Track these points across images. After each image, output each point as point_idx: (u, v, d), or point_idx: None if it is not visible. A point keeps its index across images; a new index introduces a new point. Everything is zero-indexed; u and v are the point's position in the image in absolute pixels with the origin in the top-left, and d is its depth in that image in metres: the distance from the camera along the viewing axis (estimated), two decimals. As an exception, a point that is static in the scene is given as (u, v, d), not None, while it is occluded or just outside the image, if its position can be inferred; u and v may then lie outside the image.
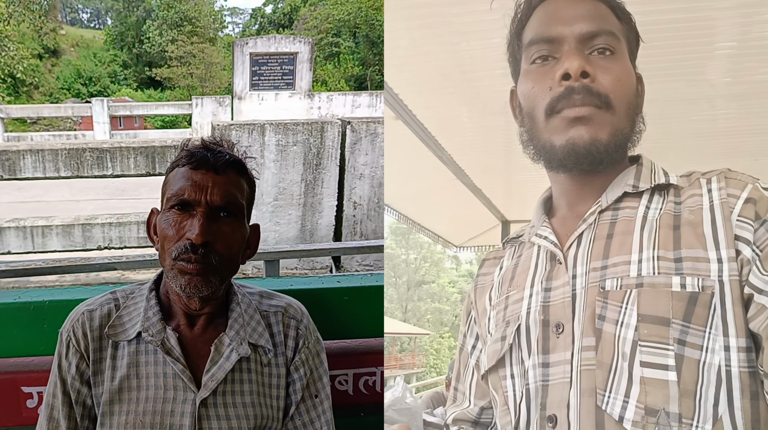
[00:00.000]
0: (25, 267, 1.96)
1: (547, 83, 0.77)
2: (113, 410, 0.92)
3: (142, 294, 1.00)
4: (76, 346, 0.95)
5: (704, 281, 0.68)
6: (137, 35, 34.21)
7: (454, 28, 1.49)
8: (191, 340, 0.96)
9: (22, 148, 3.98)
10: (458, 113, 2.05)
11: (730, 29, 1.32)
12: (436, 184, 2.86)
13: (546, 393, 0.75)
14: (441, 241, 4.27)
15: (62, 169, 4.04)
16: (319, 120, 4.19)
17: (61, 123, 20.80)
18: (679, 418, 0.66)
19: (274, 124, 3.99)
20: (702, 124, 1.92)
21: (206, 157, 0.93)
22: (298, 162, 4.04)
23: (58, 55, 34.00)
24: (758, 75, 1.54)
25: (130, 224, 4.17)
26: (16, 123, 21.17)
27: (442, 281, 14.74)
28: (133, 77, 34.78)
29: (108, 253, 4.08)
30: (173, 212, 0.91)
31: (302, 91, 10.09)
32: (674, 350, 0.67)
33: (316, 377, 1.03)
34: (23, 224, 4.14)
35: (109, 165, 4.06)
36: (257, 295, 1.06)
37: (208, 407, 0.92)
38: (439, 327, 13.50)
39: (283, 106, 9.87)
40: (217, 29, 35.84)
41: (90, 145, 4.10)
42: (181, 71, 30.56)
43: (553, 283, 0.79)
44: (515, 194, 3.11)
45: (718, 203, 0.72)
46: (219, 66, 31.22)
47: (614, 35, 0.77)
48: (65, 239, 4.12)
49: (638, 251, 0.73)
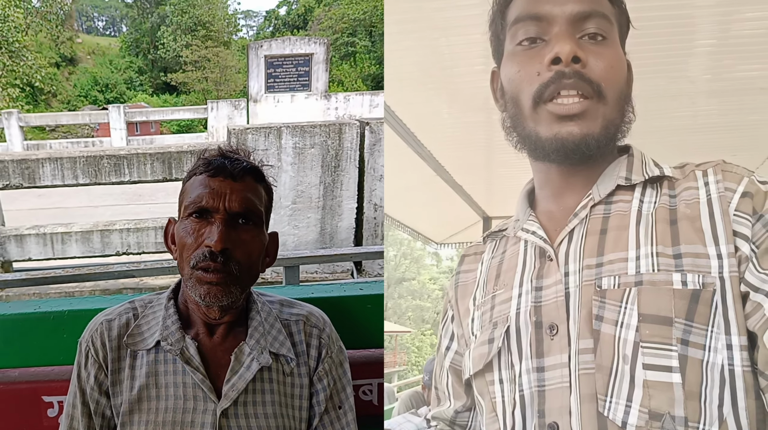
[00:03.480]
0: (44, 275, 1.99)
1: (535, 68, 0.73)
2: (132, 420, 0.91)
3: (160, 303, 1.00)
4: (95, 356, 0.95)
5: (705, 277, 0.66)
6: (152, 41, 34.85)
7: (434, 23, 1.49)
8: (211, 349, 0.95)
9: (41, 157, 4.07)
10: (438, 109, 2.05)
11: (710, 27, 1.34)
12: (415, 181, 2.85)
13: (543, 399, 0.72)
14: (421, 238, 4.23)
15: (80, 177, 4.12)
16: (337, 121, 4.20)
17: (78, 130, 21.27)
18: (685, 422, 0.64)
19: (290, 127, 4.00)
20: (683, 120, 1.94)
21: (224, 164, 0.93)
22: (316, 164, 4.04)
23: (74, 63, 34.81)
24: (737, 72, 1.56)
25: (147, 229, 4.22)
26: (35, 131, 21.73)
27: (422, 278, 14.64)
28: (149, 83, 35.42)
29: (126, 258, 4.14)
30: (191, 220, 0.91)
31: (318, 92, 10.13)
32: (677, 351, 0.65)
33: (339, 387, 1.02)
34: (43, 230, 4.22)
35: (126, 171, 4.12)
36: (277, 303, 1.05)
37: (229, 417, 0.91)
38: (420, 324, 13.41)
39: (299, 108, 9.93)
40: (231, 33, 36.33)
41: (107, 152, 4.18)
42: (196, 76, 31.03)
43: (544, 281, 0.76)
44: (496, 190, 3.10)
45: (715, 197, 0.70)
46: (234, 69, 31.64)
47: (607, 18, 0.74)
48: (84, 245, 4.20)
49: (635, 247, 0.70)
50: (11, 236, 4.22)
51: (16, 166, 4.05)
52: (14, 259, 4.26)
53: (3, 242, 4.20)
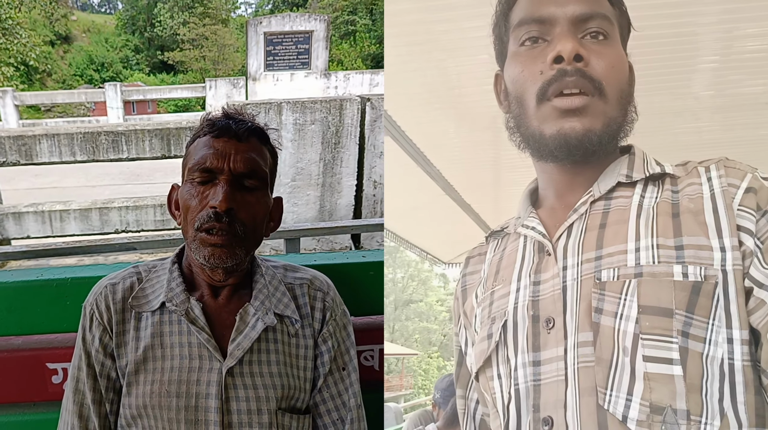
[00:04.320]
0: (45, 248, 2.00)
1: (538, 67, 0.75)
2: (138, 379, 0.93)
3: (164, 267, 1.01)
4: (99, 319, 0.96)
5: (707, 270, 0.66)
6: (148, 19, 34.42)
7: (441, 45, 1.53)
8: (215, 310, 0.96)
9: (38, 133, 4.05)
10: (446, 129, 2.09)
11: (712, 44, 1.37)
12: (423, 200, 2.88)
13: (538, 394, 0.73)
14: (429, 257, 4.23)
15: (78, 154, 4.10)
16: (338, 98, 4.17)
17: (75, 110, 21.15)
18: (687, 415, 0.64)
19: (291, 103, 3.98)
20: (687, 136, 1.96)
21: (228, 125, 0.93)
22: (317, 141, 4.03)
23: (69, 41, 34.44)
24: (741, 88, 1.59)
25: (146, 207, 4.22)
26: (30, 111, 21.61)
27: (429, 300, 14.61)
28: (146, 62, 35.08)
29: (125, 236, 4.15)
30: (195, 183, 0.92)
31: (318, 70, 10.04)
32: (678, 343, 0.65)
33: (343, 349, 1.04)
34: (41, 208, 4.23)
35: (124, 148, 4.11)
36: (281, 268, 1.06)
37: (235, 376, 0.92)
38: (428, 347, 13.39)
39: (298, 87, 9.85)
40: (230, 10, 35.85)
41: (105, 128, 4.15)
42: (193, 54, 30.70)
43: (542, 276, 0.77)
44: (504, 209, 3.13)
45: (719, 192, 0.70)
46: (232, 48, 31.28)
47: (608, 19, 0.76)
48: (83, 222, 4.20)
49: (635, 239, 0.71)
50: (9, 214, 4.23)
51: (13, 142, 4.04)
52: (13, 236, 4.28)
53: (1, 220, 4.21)
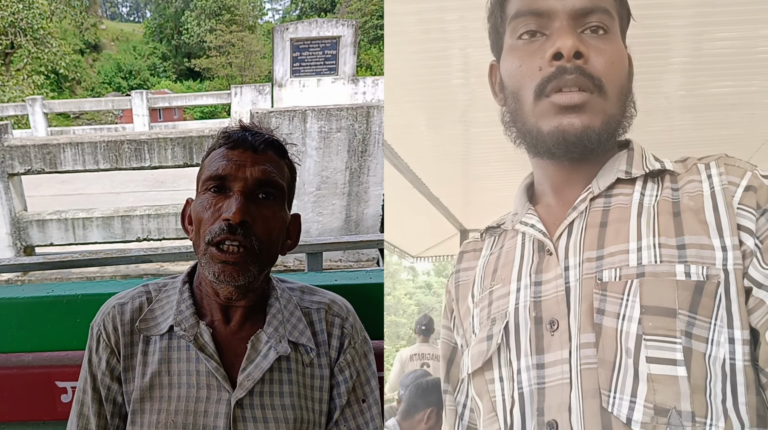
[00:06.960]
0: (62, 259, 2.01)
1: (536, 62, 0.74)
2: (144, 408, 0.89)
3: (175, 287, 0.98)
4: (107, 340, 0.93)
5: (709, 269, 0.67)
6: (176, 27, 35.39)
7: (412, 36, 1.55)
8: (226, 337, 0.92)
9: (62, 142, 4.14)
10: (415, 122, 2.12)
11: (683, 46, 1.44)
12: (391, 193, 2.89)
13: (543, 397, 0.72)
14: (397, 251, 4.23)
15: (101, 162, 4.18)
16: (364, 104, 4.15)
17: (102, 117, 21.78)
18: (692, 417, 0.64)
19: (316, 110, 3.97)
20: (659, 134, 2.02)
21: (244, 136, 0.91)
22: (342, 149, 4.01)
23: (98, 49, 35.65)
24: (710, 89, 1.65)
25: (168, 215, 4.27)
26: (59, 118, 22.37)
27: (397, 293, 14.61)
28: (173, 69, 36.03)
29: (147, 244, 4.20)
30: (209, 194, 0.89)
31: (346, 76, 10.09)
32: (682, 343, 0.65)
33: (363, 380, 0.98)
34: (65, 216, 4.31)
35: (147, 157, 4.17)
36: (298, 290, 1.02)
37: (244, 408, 0.88)
38: (396, 340, 13.37)
39: (325, 93, 9.91)
40: (257, 17, 36.61)
41: (128, 137, 4.23)
42: (219, 61, 31.41)
43: (543, 276, 0.76)
44: (474, 203, 3.12)
45: (719, 190, 0.70)
46: (258, 54, 31.89)
47: (608, 12, 0.75)
48: (105, 230, 4.27)
49: (637, 238, 0.71)
50: (33, 221, 4.33)
51: (38, 151, 4.14)
52: (36, 244, 4.37)
53: (25, 227, 4.31)
